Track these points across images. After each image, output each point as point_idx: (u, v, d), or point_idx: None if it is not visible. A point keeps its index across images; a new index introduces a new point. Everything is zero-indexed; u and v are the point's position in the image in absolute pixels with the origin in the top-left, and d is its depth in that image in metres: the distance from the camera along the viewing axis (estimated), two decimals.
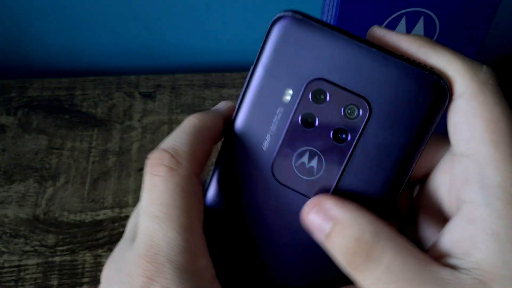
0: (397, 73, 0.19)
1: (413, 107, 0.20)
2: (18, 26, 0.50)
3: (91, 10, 0.50)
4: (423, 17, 0.32)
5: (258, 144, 0.21)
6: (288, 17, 0.20)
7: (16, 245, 0.36)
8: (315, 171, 0.21)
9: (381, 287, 0.18)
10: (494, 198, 0.18)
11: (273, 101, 0.21)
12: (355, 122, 0.20)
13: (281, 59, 0.20)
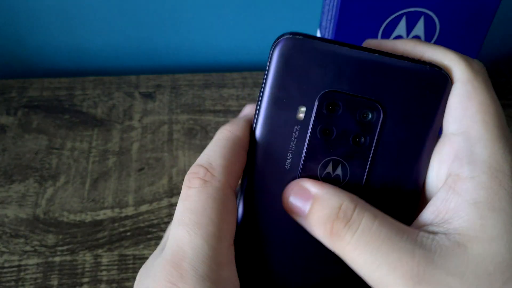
0: (402, 71, 0.21)
1: (422, 100, 0.21)
2: (18, 26, 0.50)
3: (91, 10, 0.50)
4: (423, 17, 0.32)
5: (280, 165, 0.22)
6: (288, 38, 0.21)
7: (16, 245, 0.36)
8: (341, 178, 0.22)
9: (360, 249, 0.19)
10: (480, 172, 0.19)
11: (288, 121, 0.22)
12: (371, 125, 0.21)
13: (288, 79, 0.21)
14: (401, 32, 0.33)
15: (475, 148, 0.20)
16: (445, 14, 0.32)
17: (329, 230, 0.20)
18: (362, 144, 0.22)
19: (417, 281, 0.18)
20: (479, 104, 0.20)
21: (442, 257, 0.18)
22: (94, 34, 0.52)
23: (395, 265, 0.18)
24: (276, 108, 0.22)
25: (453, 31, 0.33)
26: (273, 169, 0.22)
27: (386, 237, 0.19)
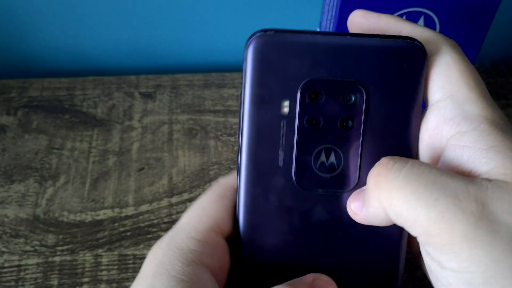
0: (377, 49, 0.21)
1: (402, 73, 0.21)
2: (18, 26, 0.50)
3: (91, 10, 0.50)
4: (423, 17, 0.32)
5: (274, 163, 0.22)
6: (260, 36, 0.21)
7: (16, 245, 0.36)
8: (336, 165, 0.22)
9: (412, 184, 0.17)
10: (478, 123, 0.19)
11: (273, 117, 0.21)
12: (356, 107, 0.21)
13: (266, 76, 0.21)
14: None
15: (464, 107, 0.20)
16: (445, 14, 0.32)
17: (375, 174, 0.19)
18: (351, 127, 0.21)
19: (479, 217, 0.17)
20: (460, 71, 0.20)
21: (495, 194, 0.17)
22: (94, 34, 0.52)
23: (453, 199, 0.17)
24: (259, 107, 0.21)
25: (453, 31, 0.33)
26: (266, 168, 0.22)
27: (438, 173, 0.18)
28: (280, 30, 0.21)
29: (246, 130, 0.22)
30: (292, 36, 0.21)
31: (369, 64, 0.21)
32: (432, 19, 0.32)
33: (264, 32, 0.21)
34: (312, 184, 0.22)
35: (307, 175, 0.22)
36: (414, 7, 0.32)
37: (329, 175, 0.22)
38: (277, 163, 0.22)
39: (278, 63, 0.21)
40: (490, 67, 0.53)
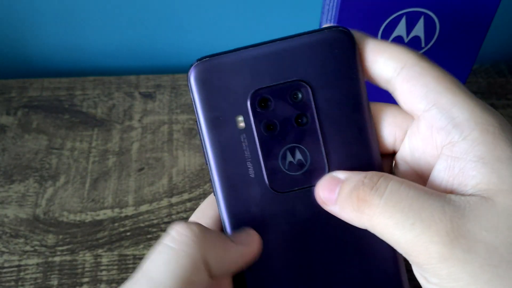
0: (307, 44, 0.22)
1: (336, 60, 0.22)
2: (18, 26, 0.50)
3: (91, 10, 0.50)
4: (423, 17, 0.32)
5: (246, 177, 0.23)
6: (197, 65, 0.22)
7: (16, 245, 0.36)
8: (304, 160, 0.23)
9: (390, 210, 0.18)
10: (469, 131, 0.19)
11: (232, 134, 0.22)
12: (305, 102, 0.22)
13: (213, 99, 0.22)
14: (401, 32, 0.33)
15: (452, 113, 0.20)
16: (445, 14, 0.32)
17: (356, 198, 0.20)
18: (306, 122, 0.22)
19: (454, 237, 0.17)
20: (434, 77, 0.20)
21: (472, 213, 0.18)
22: (94, 34, 0.52)
23: (429, 223, 0.18)
24: (216, 130, 0.22)
25: (453, 31, 0.33)
26: (240, 183, 0.23)
27: (415, 196, 0.18)
28: (215, 54, 0.22)
29: (211, 154, 0.23)
30: (228, 56, 0.22)
31: (304, 60, 0.22)
32: (432, 19, 0.32)
33: (200, 60, 0.22)
34: (287, 185, 0.23)
35: (280, 178, 0.23)
36: (414, 7, 0.32)
37: (301, 172, 0.23)
38: (248, 176, 0.23)
39: (221, 84, 0.22)
40: (490, 67, 0.53)
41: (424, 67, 0.21)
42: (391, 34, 0.33)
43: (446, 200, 0.18)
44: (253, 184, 0.23)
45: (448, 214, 0.18)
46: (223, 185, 0.23)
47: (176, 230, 0.20)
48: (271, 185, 0.23)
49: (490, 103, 0.48)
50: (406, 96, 0.21)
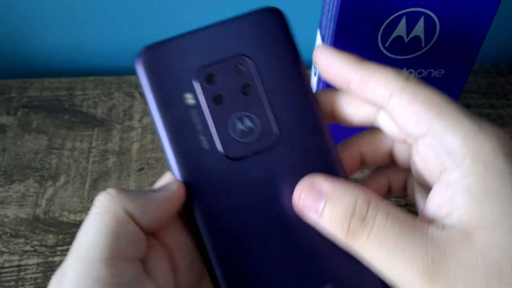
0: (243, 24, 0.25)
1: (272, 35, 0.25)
2: (18, 26, 0.50)
3: (91, 10, 0.50)
4: (423, 17, 0.32)
5: (200, 149, 0.24)
6: (143, 52, 0.24)
7: (16, 245, 0.36)
8: (254, 126, 0.24)
9: (377, 248, 0.19)
10: (461, 159, 0.20)
11: (183, 112, 0.24)
12: (248, 73, 0.24)
13: (161, 81, 0.24)
14: (401, 32, 0.33)
15: (446, 140, 0.20)
16: (445, 14, 0.32)
17: (346, 229, 0.20)
18: (251, 92, 0.24)
19: (433, 276, 0.18)
20: (424, 102, 0.21)
21: (453, 250, 0.19)
22: (94, 34, 0.52)
23: (411, 262, 0.19)
24: (167, 109, 0.24)
25: (453, 31, 0.33)
26: (196, 157, 0.24)
27: (400, 233, 0.19)
28: (159, 42, 0.24)
29: (164, 132, 0.24)
30: (172, 41, 0.24)
31: (243, 37, 0.25)
32: (432, 19, 0.32)
33: (146, 47, 0.24)
34: (241, 151, 0.24)
35: (233, 146, 0.24)
36: (414, 7, 0.32)
37: (253, 138, 0.24)
38: (202, 148, 0.24)
39: (167, 66, 0.24)
40: (490, 67, 0.53)
41: (412, 92, 0.21)
42: (391, 34, 0.33)
43: (429, 238, 0.19)
44: (208, 155, 0.24)
45: (430, 254, 0.19)
46: (179, 160, 0.24)
47: (97, 199, 0.21)
48: (226, 153, 0.24)
49: (490, 103, 0.48)
50: (399, 124, 0.22)
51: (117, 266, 0.20)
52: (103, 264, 0.20)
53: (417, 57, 0.35)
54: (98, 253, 0.20)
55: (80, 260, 0.20)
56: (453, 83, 0.37)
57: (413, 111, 0.21)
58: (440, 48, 0.34)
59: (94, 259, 0.20)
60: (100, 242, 0.20)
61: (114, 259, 0.20)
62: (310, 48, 0.52)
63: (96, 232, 0.20)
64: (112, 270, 0.20)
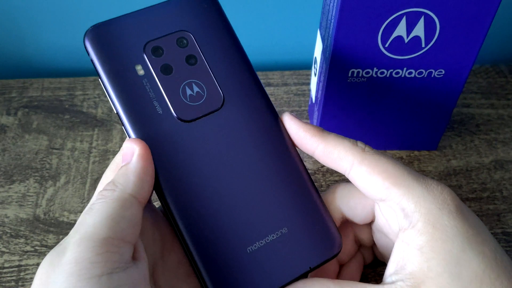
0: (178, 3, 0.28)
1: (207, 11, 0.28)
2: (18, 26, 0.50)
3: (91, 10, 0.50)
4: (423, 17, 0.32)
5: (155, 113, 0.26)
6: (91, 29, 0.26)
7: (16, 245, 0.36)
8: (201, 92, 0.27)
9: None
10: (415, 221, 0.24)
11: (135, 81, 0.26)
12: (191, 46, 0.27)
13: (111, 56, 0.26)
14: (401, 32, 0.33)
15: (402, 205, 0.25)
16: (445, 14, 0.32)
17: None
18: (196, 62, 0.27)
19: None
20: (381, 173, 0.25)
21: None
22: None
23: None
24: (120, 80, 0.26)
25: (453, 31, 0.33)
26: (151, 120, 0.26)
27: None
28: (105, 21, 0.27)
29: (119, 101, 0.26)
30: (118, 20, 0.27)
31: (182, 14, 0.28)
32: (432, 19, 0.32)
33: (93, 26, 0.26)
34: (192, 114, 0.26)
35: (185, 109, 0.26)
36: (414, 7, 0.32)
37: (202, 101, 0.27)
38: (157, 113, 0.26)
39: (116, 42, 0.26)
40: (490, 67, 0.53)
41: (370, 164, 0.25)
42: (391, 34, 0.33)
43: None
44: (163, 119, 0.26)
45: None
46: (136, 126, 0.26)
47: (99, 194, 0.24)
48: (178, 116, 0.26)
49: (490, 103, 0.48)
50: (361, 190, 0.26)
51: (117, 246, 0.22)
52: (106, 241, 0.22)
53: (417, 57, 0.35)
54: (103, 232, 0.22)
55: (85, 236, 0.21)
56: (453, 83, 0.37)
57: (372, 182, 0.25)
58: (440, 48, 0.34)
59: (99, 236, 0.21)
60: (106, 223, 0.22)
61: (116, 239, 0.22)
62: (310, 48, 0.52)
63: (102, 215, 0.22)
64: (113, 248, 0.22)
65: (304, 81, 0.50)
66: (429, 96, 0.38)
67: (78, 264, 0.21)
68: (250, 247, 0.25)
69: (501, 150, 0.44)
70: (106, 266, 0.21)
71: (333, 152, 0.26)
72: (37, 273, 0.22)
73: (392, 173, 0.25)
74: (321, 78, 0.38)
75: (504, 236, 0.37)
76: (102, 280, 0.21)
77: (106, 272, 0.21)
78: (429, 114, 0.39)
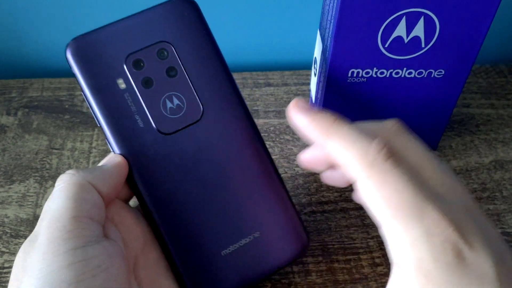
0: (161, 13, 0.27)
1: (188, 21, 0.28)
2: (18, 26, 0.50)
3: (91, 10, 0.50)
4: (423, 17, 0.32)
5: (136, 128, 0.27)
6: (72, 43, 0.26)
7: (16, 245, 0.36)
8: (181, 104, 0.27)
9: None
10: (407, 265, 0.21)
11: (117, 95, 0.26)
12: (172, 57, 0.27)
13: (93, 69, 0.26)
14: (401, 32, 0.33)
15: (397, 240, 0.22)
16: (445, 14, 0.32)
17: None
18: (176, 74, 0.27)
19: None
20: (383, 199, 0.22)
21: None
22: None
23: None
24: (102, 93, 0.26)
25: (453, 31, 0.33)
26: (133, 134, 0.27)
27: None
28: (86, 33, 0.26)
29: (101, 115, 0.26)
30: (98, 32, 0.26)
31: (163, 25, 0.27)
32: (432, 19, 0.32)
33: (74, 39, 0.26)
34: (172, 127, 0.27)
35: (165, 122, 0.27)
36: (414, 7, 0.32)
37: (181, 114, 0.27)
38: (138, 126, 0.27)
39: (97, 55, 0.26)
40: (490, 67, 0.53)
41: (375, 183, 0.22)
42: (391, 34, 0.33)
43: None
44: (144, 132, 0.27)
45: None
46: (119, 139, 0.26)
47: (59, 179, 0.25)
48: (159, 129, 0.27)
49: (490, 103, 0.48)
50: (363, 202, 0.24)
51: (86, 223, 0.23)
52: (74, 220, 0.23)
53: (417, 57, 0.35)
54: (69, 212, 0.23)
55: (53, 219, 0.23)
56: (453, 83, 0.37)
57: (373, 204, 0.23)
58: (440, 48, 0.34)
59: (66, 216, 0.23)
60: (69, 204, 0.23)
61: (83, 217, 0.23)
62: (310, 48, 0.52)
63: (64, 198, 0.23)
64: (82, 225, 0.23)
65: (304, 81, 0.50)
66: (429, 96, 0.38)
67: (51, 243, 0.22)
68: (224, 251, 0.28)
69: (501, 150, 0.44)
70: (79, 240, 0.22)
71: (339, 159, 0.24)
72: (14, 263, 0.23)
73: (396, 201, 0.22)
74: (321, 78, 0.38)
75: (504, 236, 0.37)
76: (77, 253, 0.22)
77: (80, 245, 0.22)
78: (429, 114, 0.39)
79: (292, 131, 0.45)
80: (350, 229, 0.36)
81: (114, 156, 0.27)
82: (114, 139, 0.26)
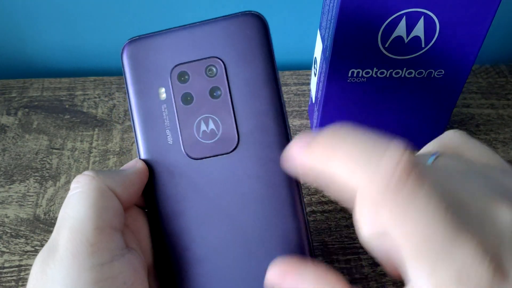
0: (222, 26, 0.25)
1: (249, 40, 0.25)
2: (18, 26, 0.50)
3: (91, 10, 0.50)
4: (423, 17, 0.32)
5: (164, 143, 0.25)
6: (128, 43, 0.26)
7: (16, 245, 0.36)
8: (216, 130, 0.25)
9: None
10: None
11: (155, 104, 0.25)
12: (220, 76, 0.25)
13: (141, 73, 0.25)
14: (401, 32, 0.33)
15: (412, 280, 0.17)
16: (445, 14, 0.32)
17: None
18: (220, 95, 0.25)
19: None
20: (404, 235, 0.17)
21: None
22: (94, 34, 0.52)
23: None
24: (142, 99, 0.25)
25: (453, 31, 0.33)
26: (159, 149, 0.25)
27: None
28: (145, 34, 0.26)
29: (137, 121, 0.25)
30: (154, 36, 0.26)
31: (220, 39, 0.25)
32: (432, 19, 0.32)
33: (131, 40, 0.26)
34: (201, 152, 0.25)
35: (194, 146, 0.25)
36: (414, 7, 0.32)
37: (213, 140, 0.25)
38: (167, 142, 0.25)
39: (148, 60, 0.25)
40: (490, 67, 0.53)
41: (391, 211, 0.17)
42: (391, 35, 0.33)
43: None
44: (171, 150, 0.25)
45: None
46: (146, 149, 0.25)
47: (75, 181, 0.23)
48: (186, 152, 0.25)
49: (490, 103, 0.48)
50: None
51: (110, 234, 0.22)
52: (98, 231, 0.21)
53: (417, 57, 0.35)
54: (91, 223, 0.21)
55: (73, 229, 0.21)
56: (453, 83, 0.37)
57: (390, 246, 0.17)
58: (440, 48, 0.34)
59: (89, 227, 0.21)
60: (91, 213, 0.22)
61: (106, 228, 0.22)
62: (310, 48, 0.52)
63: (85, 206, 0.22)
64: (106, 237, 0.21)
65: (304, 81, 0.50)
66: (429, 96, 0.38)
67: (75, 258, 0.20)
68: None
69: (501, 150, 0.44)
70: (105, 255, 0.21)
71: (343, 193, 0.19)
72: (31, 273, 0.21)
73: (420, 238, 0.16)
74: (321, 78, 0.38)
75: None
76: (104, 269, 0.21)
77: (107, 261, 0.21)
78: (429, 114, 0.39)
79: (292, 131, 0.45)
80: (350, 229, 0.36)
81: (136, 162, 0.25)
82: (142, 147, 0.25)
